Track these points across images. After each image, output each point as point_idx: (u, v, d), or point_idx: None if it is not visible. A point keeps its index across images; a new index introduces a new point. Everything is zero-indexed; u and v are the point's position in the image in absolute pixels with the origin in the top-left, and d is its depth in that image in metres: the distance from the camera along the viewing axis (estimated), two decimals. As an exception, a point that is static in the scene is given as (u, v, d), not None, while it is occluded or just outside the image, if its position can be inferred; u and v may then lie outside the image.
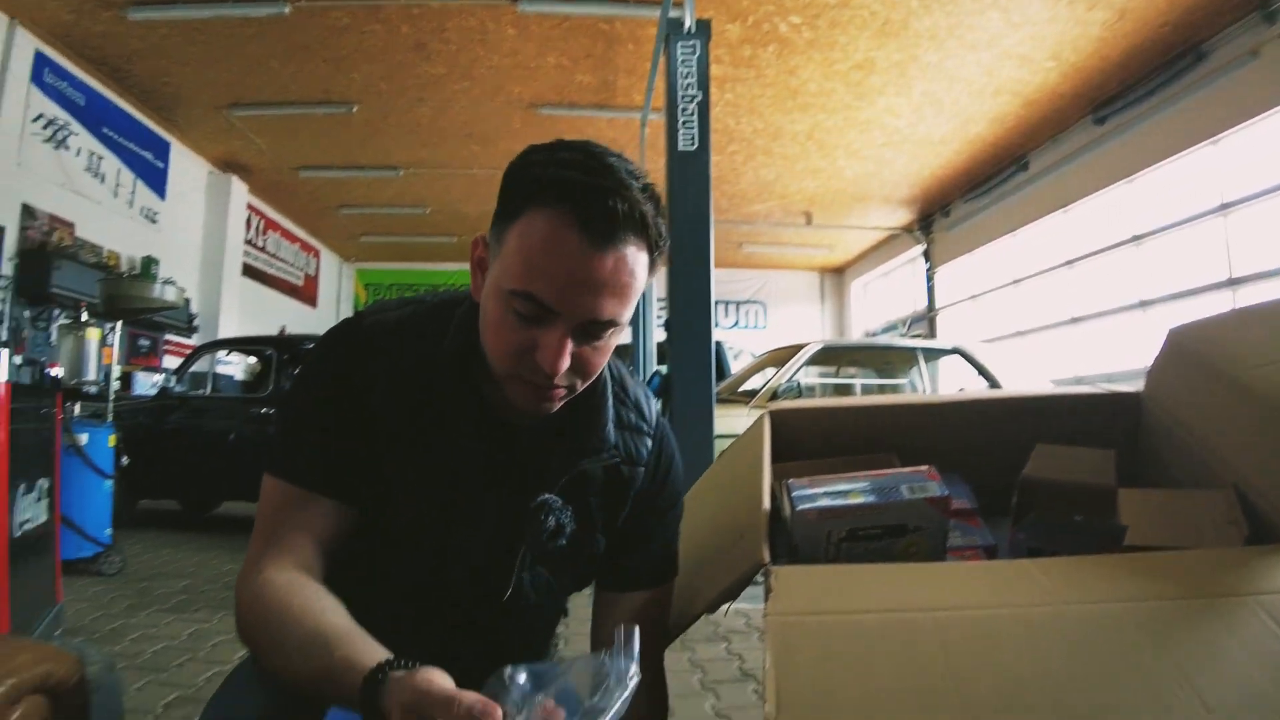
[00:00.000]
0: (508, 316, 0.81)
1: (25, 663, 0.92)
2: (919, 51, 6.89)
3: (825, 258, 15.00)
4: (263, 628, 0.78)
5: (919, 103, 7.93)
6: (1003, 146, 9.10)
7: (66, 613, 3.02)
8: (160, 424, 5.76)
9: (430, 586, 0.96)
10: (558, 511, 0.93)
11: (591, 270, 0.77)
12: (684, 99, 4.15)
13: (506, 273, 0.80)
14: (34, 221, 6.98)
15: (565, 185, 0.77)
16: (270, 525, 0.87)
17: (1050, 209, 9.13)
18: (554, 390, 0.84)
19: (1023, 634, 0.73)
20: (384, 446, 0.90)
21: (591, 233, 0.76)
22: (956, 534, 1.16)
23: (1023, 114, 8.17)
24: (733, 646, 2.96)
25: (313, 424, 0.90)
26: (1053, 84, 7.46)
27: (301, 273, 13.68)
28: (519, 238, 0.79)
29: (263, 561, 0.83)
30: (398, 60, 7.33)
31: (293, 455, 0.89)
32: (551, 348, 0.79)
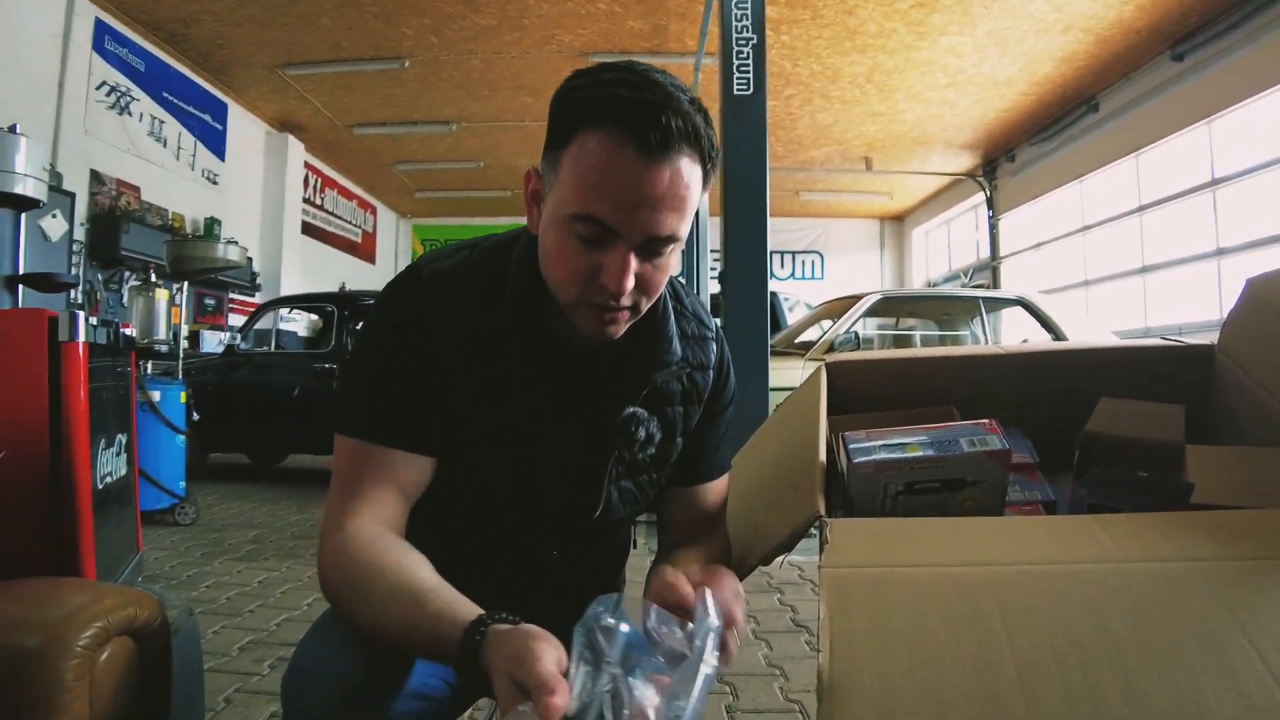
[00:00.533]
0: (570, 242, 0.82)
1: (112, 606, 0.97)
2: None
3: (885, 205, 14.62)
4: (349, 583, 0.81)
5: (983, 42, 7.60)
6: (1071, 87, 8.67)
7: (146, 561, 3.18)
8: (227, 380, 5.96)
9: (519, 519, 1.00)
10: (646, 422, 0.96)
11: (649, 185, 0.77)
12: (738, 42, 4.05)
13: (564, 199, 0.81)
14: (102, 187, 7.20)
15: (615, 104, 0.77)
16: (348, 482, 0.88)
17: (1122, 153, 8.69)
18: (620, 312, 0.85)
19: (1082, 592, 0.71)
20: (454, 391, 0.91)
21: (646, 148, 0.76)
22: (1016, 488, 1.13)
23: (1094, 52, 7.76)
24: (785, 598, 2.98)
25: (380, 379, 0.91)
26: (1128, 19, 7.05)
27: (359, 230, 13.87)
28: (574, 161, 0.80)
29: (344, 517, 0.85)
30: (447, 13, 7.28)
31: (363, 413, 0.90)
32: (616, 268, 0.80)
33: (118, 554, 2.31)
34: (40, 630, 0.86)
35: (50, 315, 1.75)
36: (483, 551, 1.01)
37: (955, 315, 6.35)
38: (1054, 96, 8.98)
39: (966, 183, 12.24)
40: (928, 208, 14.28)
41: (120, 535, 2.38)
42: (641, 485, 1.03)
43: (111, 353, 2.36)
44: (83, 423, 1.79)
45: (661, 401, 1.00)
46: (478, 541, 1.01)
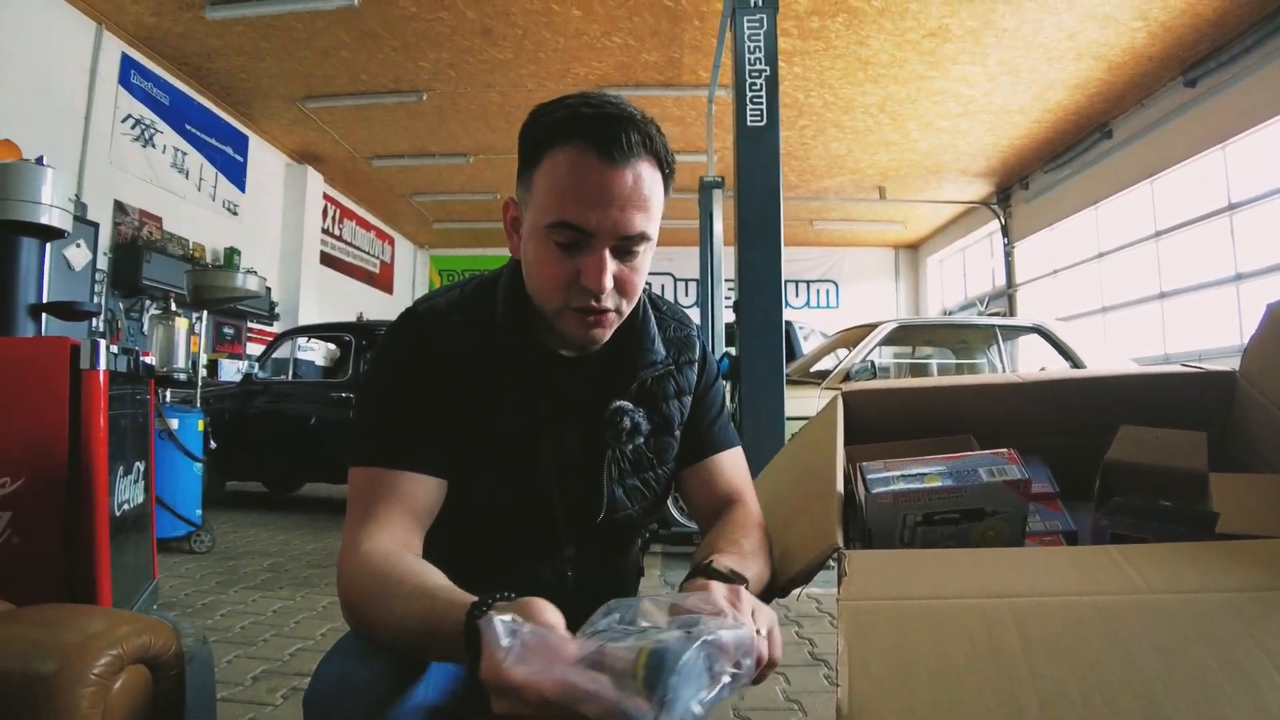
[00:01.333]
0: (549, 251, 0.90)
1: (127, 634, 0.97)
2: (995, 17, 6.62)
3: (899, 234, 14.63)
4: (369, 595, 0.82)
5: (995, 71, 7.64)
6: (1085, 114, 8.69)
7: (162, 588, 3.18)
8: (245, 409, 5.99)
9: (527, 531, 1.02)
10: (631, 412, 1.01)
11: (615, 186, 0.86)
12: (751, 74, 4.08)
13: (540, 212, 0.89)
14: (125, 217, 7.32)
15: (577, 121, 0.87)
16: (363, 507, 0.90)
17: (1136, 178, 8.67)
18: (603, 314, 0.92)
19: (1106, 623, 0.70)
20: (458, 414, 0.96)
21: (609, 155, 0.85)
22: (1036, 518, 1.12)
23: (1106, 78, 7.78)
24: (803, 631, 2.94)
25: (387, 409, 0.96)
26: (1139, 45, 7.07)
27: (377, 260, 14.00)
28: (545, 178, 0.89)
29: (360, 537, 0.87)
30: (465, 46, 7.41)
31: (373, 441, 0.94)
32: (594, 268, 0.88)
33: (134, 581, 2.31)
34: (56, 656, 0.86)
35: (73, 343, 1.77)
36: (495, 570, 1.02)
37: (972, 343, 6.32)
38: (1067, 123, 9.00)
39: (981, 210, 12.23)
40: (942, 236, 14.27)
41: (137, 562, 2.39)
42: (647, 481, 1.07)
43: (131, 380, 2.38)
44: (102, 450, 1.80)
45: (654, 399, 1.06)
46: (490, 561, 1.03)
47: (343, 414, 5.70)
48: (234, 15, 6.68)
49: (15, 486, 1.62)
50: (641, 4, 6.63)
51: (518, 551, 1.04)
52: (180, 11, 6.73)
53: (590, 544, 1.06)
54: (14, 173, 2.13)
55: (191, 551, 4.20)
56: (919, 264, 15.54)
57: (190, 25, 6.98)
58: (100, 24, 6.82)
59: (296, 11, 6.64)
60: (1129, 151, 8.60)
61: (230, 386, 6.24)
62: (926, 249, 15.14)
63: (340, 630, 0.87)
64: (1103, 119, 8.81)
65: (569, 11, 6.77)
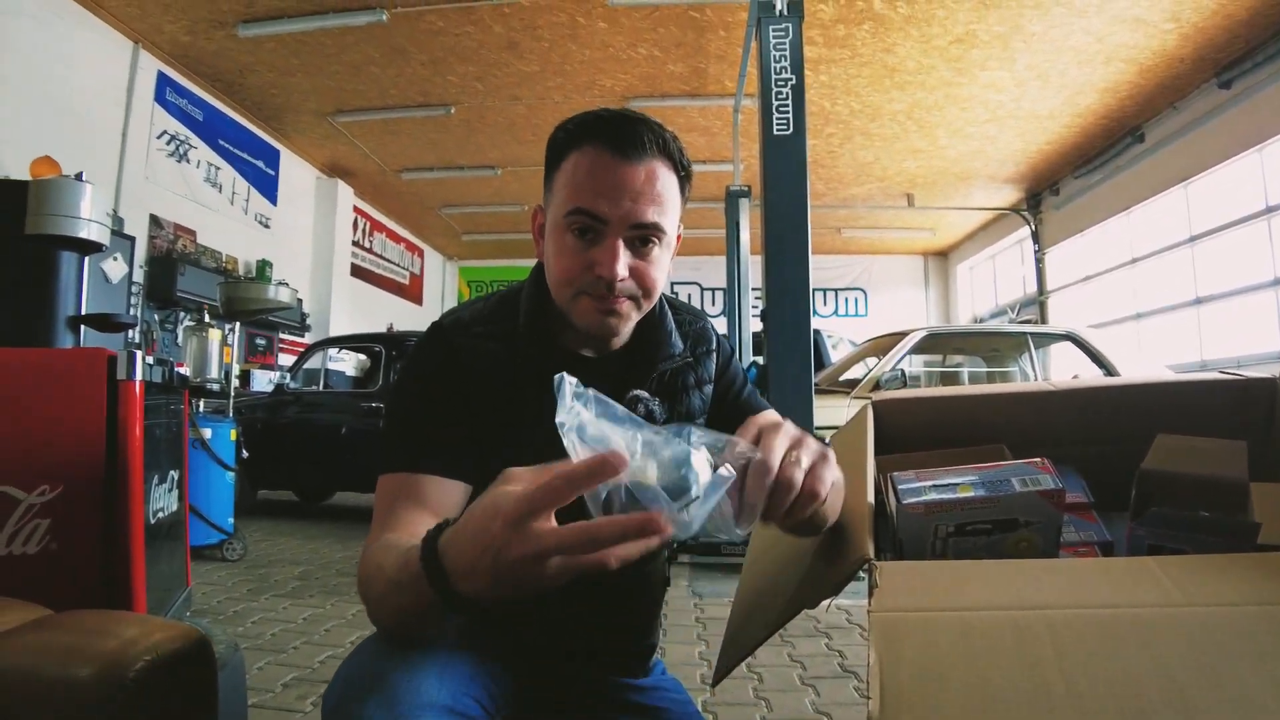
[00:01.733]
0: (566, 240, 0.93)
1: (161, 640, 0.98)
2: (1023, 21, 6.57)
3: (928, 241, 14.53)
4: (369, 576, 0.82)
5: (1023, 76, 7.57)
6: (1115, 118, 8.58)
7: (195, 595, 3.22)
8: (277, 419, 6.07)
9: None
10: (647, 401, 1.04)
11: (628, 179, 0.90)
12: (777, 83, 4.08)
13: (558, 205, 0.93)
14: (160, 231, 7.46)
15: (595, 124, 0.92)
16: (385, 510, 0.91)
17: (1169, 183, 8.54)
18: (617, 300, 0.94)
19: (1143, 636, 0.68)
20: (484, 420, 0.97)
21: (623, 151, 0.90)
22: (1070, 529, 1.10)
23: (1138, 82, 7.68)
24: (833, 642, 2.91)
25: (414, 420, 0.97)
26: (1171, 48, 6.97)
27: (407, 272, 14.15)
28: (564, 176, 0.93)
29: (379, 534, 0.87)
30: (492, 60, 7.48)
31: (400, 448, 0.95)
32: (607, 254, 0.91)
33: (168, 588, 2.34)
34: (92, 661, 0.88)
35: (110, 354, 1.80)
36: None
37: (1003, 351, 6.25)
38: (1098, 128, 8.89)
39: (1011, 217, 12.11)
40: (972, 243, 14.15)
41: (170, 569, 2.42)
42: None
43: (166, 391, 2.41)
44: (138, 459, 1.83)
45: (674, 391, 1.08)
46: None
47: (373, 424, 5.75)
48: (265, 32, 6.80)
49: (54, 494, 1.65)
50: (667, 16, 6.66)
51: None
52: (214, 29, 6.87)
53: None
54: (55, 189, 2.18)
55: (223, 559, 4.26)
56: (949, 271, 15.41)
57: (223, 43, 7.13)
58: (137, 43, 6.98)
59: (326, 28, 6.76)
60: (1162, 155, 8.47)
61: (262, 396, 6.32)
62: (956, 256, 15.01)
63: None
64: (1134, 123, 8.69)
65: (594, 24, 6.81)
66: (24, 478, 1.64)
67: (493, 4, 6.45)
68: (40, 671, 0.88)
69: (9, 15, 5.64)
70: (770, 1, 4.28)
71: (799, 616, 1.00)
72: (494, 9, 6.54)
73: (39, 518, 1.64)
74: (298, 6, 6.55)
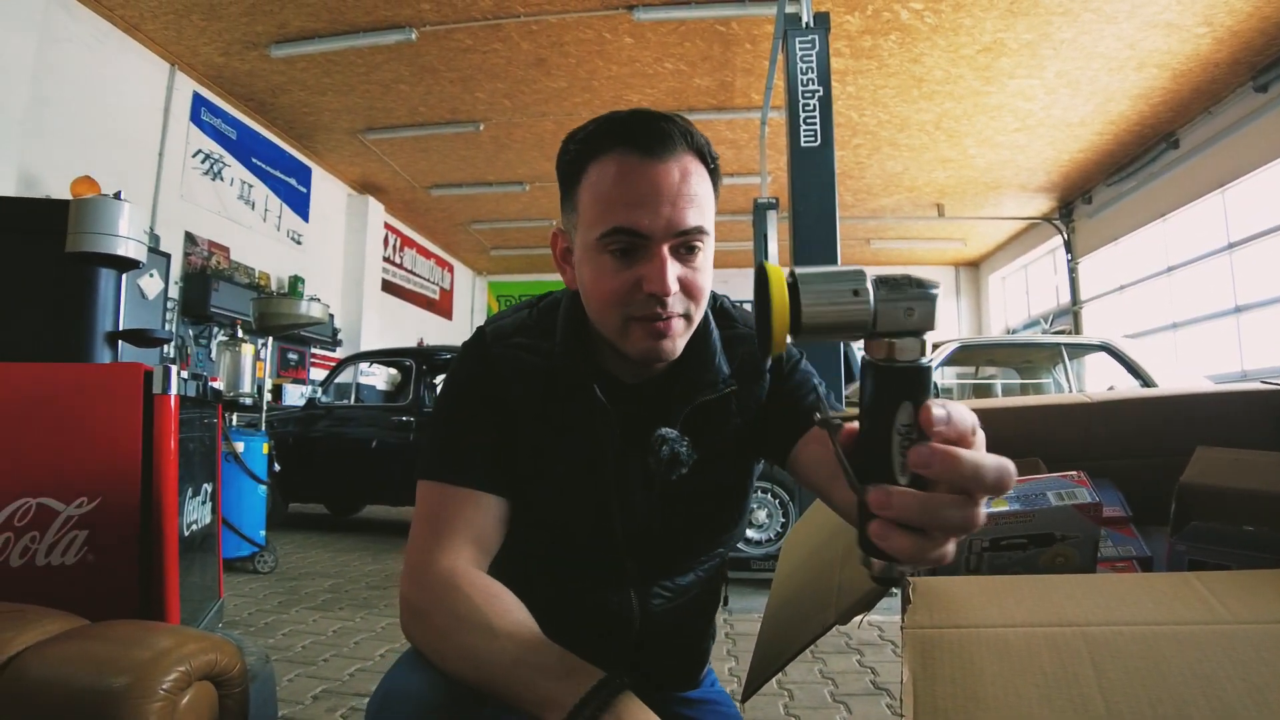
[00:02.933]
0: (606, 264, 0.85)
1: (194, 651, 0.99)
2: (1051, 29, 6.51)
3: (959, 251, 14.40)
4: (445, 619, 0.80)
5: (1053, 83, 7.50)
6: (1149, 124, 8.46)
7: (226, 607, 3.25)
8: (308, 432, 6.13)
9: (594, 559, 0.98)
10: (673, 442, 0.93)
11: (663, 182, 0.82)
12: (804, 95, 4.08)
13: (589, 226, 0.85)
14: (195, 247, 7.61)
15: (612, 128, 0.85)
16: (432, 524, 0.89)
17: (1206, 189, 8.38)
18: (670, 321, 0.86)
19: (1186, 655, 0.66)
20: (525, 435, 0.94)
21: (650, 151, 0.82)
22: (1108, 544, 1.08)
23: (1171, 87, 7.56)
24: (865, 659, 2.87)
25: (460, 427, 0.95)
26: (1205, 52, 6.86)
27: (437, 287, 14.30)
28: (589, 191, 0.86)
29: (432, 556, 0.85)
30: (520, 77, 7.56)
31: (443, 457, 0.93)
32: (656, 270, 0.83)
33: (200, 600, 2.37)
34: (128, 672, 0.89)
35: (146, 369, 1.83)
36: (561, 596, 0.99)
37: (1037, 363, 6.16)
38: (1131, 135, 8.77)
39: (1043, 226, 11.97)
40: (1003, 253, 14.00)
41: (203, 581, 2.44)
42: (708, 512, 1.00)
43: (200, 405, 2.45)
44: (173, 472, 1.85)
45: (710, 424, 0.97)
46: (557, 591, 0.99)
47: (403, 437, 5.79)
48: (297, 52, 6.93)
49: (92, 506, 1.68)
50: (693, 30, 6.69)
51: (583, 578, 1.00)
52: (247, 50, 7.02)
53: (657, 571, 1.01)
54: (94, 207, 2.23)
55: (255, 571, 4.30)
56: (980, 282, 15.25)
57: (256, 63, 7.28)
58: (173, 65, 7.16)
59: (357, 47, 6.87)
60: (1197, 161, 8.33)
61: (294, 410, 6.40)
62: (988, 266, 14.86)
63: (399, 652, 0.87)
64: (1168, 129, 8.56)
65: (621, 40, 6.86)
66: (63, 489, 1.67)
67: (520, 21, 6.52)
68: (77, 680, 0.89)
69: (59, 42, 5.83)
70: (796, 14, 4.29)
71: (830, 632, 0.99)
72: (522, 26, 6.61)
73: (77, 529, 1.67)
74: (329, 27, 6.67)
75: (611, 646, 0.99)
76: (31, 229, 2.23)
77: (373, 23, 6.61)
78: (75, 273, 2.23)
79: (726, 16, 6.43)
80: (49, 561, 1.64)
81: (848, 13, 6.29)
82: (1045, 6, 6.18)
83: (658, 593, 1.01)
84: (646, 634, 1.01)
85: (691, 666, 1.14)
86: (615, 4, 6.30)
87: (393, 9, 6.40)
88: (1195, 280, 8.91)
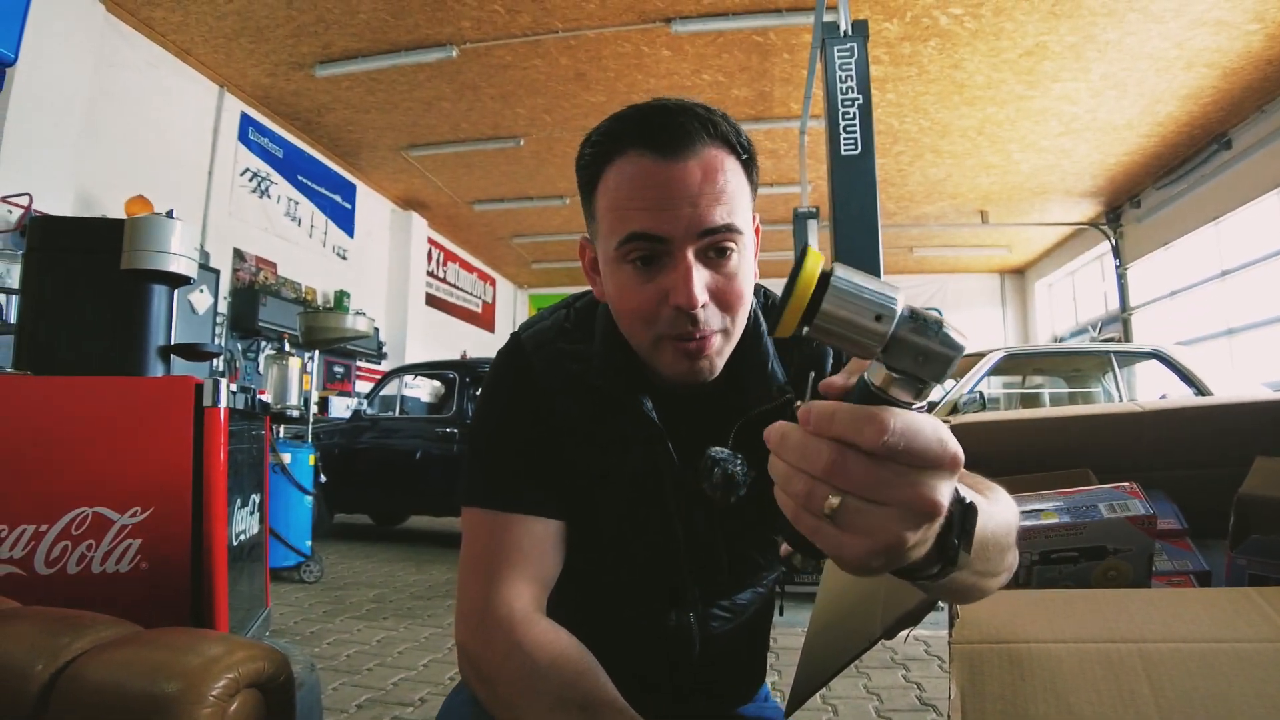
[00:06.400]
0: (628, 274, 0.78)
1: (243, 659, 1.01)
2: (1095, 30, 6.38)
3: (1004, 258, 14.17)
4: (505, 693, 0.76)
5: (1098, 86, 7.35)
6: (1199, 125, 8.24)
7: (273, 616, 3.31)
8: (353, 444, 6.22)
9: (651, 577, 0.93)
10: (725, 462, 0.82)
11: (680, 182, 0.75)
12: (844, 103, 4.05)
13: (608, 235, 0.79)
14: (243, 264, 7.79)
15: (623, 126, 0.78)
16: (486, 560, 0.83)
17: (1261, 190, 8.10)
18: (705, 340, 0.78)
19: (1249, 674, 0.64)
20: (572, 449, 0.88)
21: (665, 150, 0.75)
22: (1163, 558, 1.05)
23: (1221, 86, 7.36)
24: (910, 674, 2.82)
25: (506, 447, 0.88)
26: (1257, 49, 6.66)
27: (479, 300, 14.46)
28: (605, 198, 0.79)
29: (490, 599, 0.80)
30: (560, 91, 7.63)
31: (493, 482, 0.87)
32: (681, 279, 0.75)
33: (248, 608, 2.41)
34: (179, 678, 0.91)
35: (197, 382, 1.88)
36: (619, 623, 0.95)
37: (1085, 371, 6.03)
38: (1180, 136, 8.55)
39: (1090, 232, 11.72)
40: (1050, 259, 13.74)
41: (251, 590, 2.49)
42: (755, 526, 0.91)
43: (248, 417, 2.50)
44: (222, 482, 1.90)
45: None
46: (613, 614, 0.95)
47: (447, 449, 5.85)
48: (341, 72, 7.09)
49: (145, 516, 1.72)
50: (731, 41, 6.70)
51: (641, 601, 0.95)
52: (293, 71, 7.19)
53: (717, 592, 0.96)
54: (147, 226, 2.30)
55: (301, 581, 4.37)
56: (1026, 289, 14.98)
57: (302, 83, 7.46)
58: (222, 86, 7.36)
59: (399, 66, 6.99)
60: (1252, 162, 8.08)
61: (340, 422, 6.49)
62: (1034, 273, 14.60)
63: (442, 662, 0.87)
64: (1220, 129, 8.33)
65: (659, 53, 6.89)
66: (118, 499, 1.72)
67: (559, 37, 6.58)
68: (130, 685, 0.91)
69: (115, 68, 6.04)
70: (834, 23, 4.27)
71: (875, 647, 0.97)
72: (560, 41, 6.67)
73: (131, 538, 1.71)
74: (371, 46, 6.80)
75: (670, 669, 0.96)
76: (90, 248, 2.30)
77: (414, 41, 6.73)
78: (130, 289, 2.30)
79: (764, 27, 6.43)
80: (104, 569, 1.69)
81: (886, 20, 6.25)
82: (1089, 8, 6.07)
83: (716, 613, 0.96)
84: (705, 655, 0.96)
85: (749, 681, 1.10)
86: (653, 17, 6.33)
87: (434, 28, 6.51)
88: (1251, 284, 8.63)
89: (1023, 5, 6.05)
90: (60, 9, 5.29)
